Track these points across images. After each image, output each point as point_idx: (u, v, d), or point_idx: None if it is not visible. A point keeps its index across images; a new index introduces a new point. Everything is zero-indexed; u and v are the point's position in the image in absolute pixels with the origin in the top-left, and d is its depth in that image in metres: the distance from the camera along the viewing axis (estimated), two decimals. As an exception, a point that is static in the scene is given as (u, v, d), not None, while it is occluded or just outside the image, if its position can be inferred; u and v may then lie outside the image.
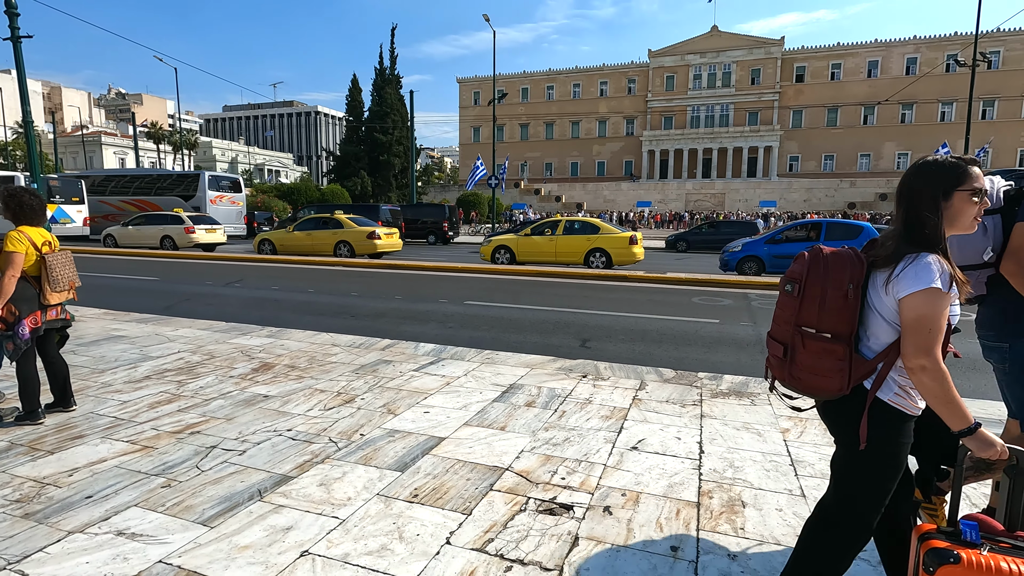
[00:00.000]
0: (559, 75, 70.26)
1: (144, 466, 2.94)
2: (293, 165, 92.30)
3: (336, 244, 16.90)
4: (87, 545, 2.23)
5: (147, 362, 5.00)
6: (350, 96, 48.84)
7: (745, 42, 63.69)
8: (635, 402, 4.09)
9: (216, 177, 25.17)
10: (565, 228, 14.50)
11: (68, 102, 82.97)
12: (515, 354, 5.46)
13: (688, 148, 64.24)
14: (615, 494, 2.71)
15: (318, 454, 3.12)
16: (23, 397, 3.52)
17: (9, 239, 3.34)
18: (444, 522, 2.44)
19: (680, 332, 7.10)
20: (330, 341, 5.92)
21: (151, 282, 11.55)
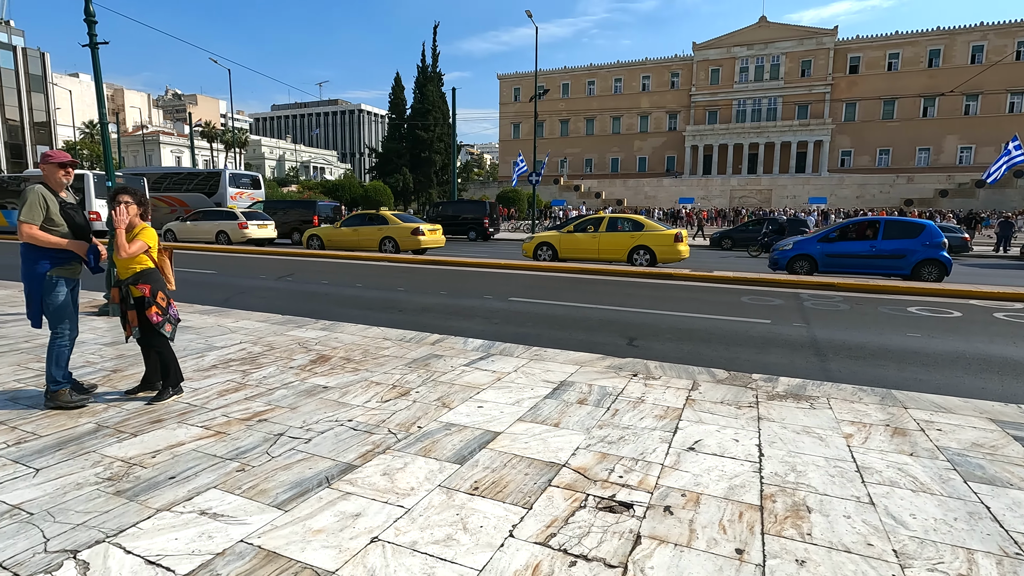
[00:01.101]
0: (600, 70, 69.49)
1: (219, 450, 3.11)
2: (337, 162, 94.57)
3: (381, 240, 17.27)
4: (175, 522, 2.38)
5: (212, 352, 5.25)
6: (393, 94, 49.62)
7: (795, 33, 61.43)
8: (688, 402, 4.05)
9: (236, 175, 26.43)
10: (609, 225, 14.38)
11: (130, 103, 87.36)
12: (563, 351, 5.48)
13: (733, 143, 62.55)
14: (675, 494, 2.70)
15: (379, 444, 3.23)
16: (168, 375, 3.91)
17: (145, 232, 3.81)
18: (506, 515, 2.48)
19: (729, 332, 6.95)
20: (381, 335, 6.07)
21: (209, 275, 12.09)
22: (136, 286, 3.76)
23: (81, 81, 77.74)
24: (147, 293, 3.77)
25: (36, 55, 67.61)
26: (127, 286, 3.77)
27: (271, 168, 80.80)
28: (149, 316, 3.77)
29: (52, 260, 3.63)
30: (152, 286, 3.80)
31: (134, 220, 3.80)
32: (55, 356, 3.69)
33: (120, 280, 3.80)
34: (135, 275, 3.78)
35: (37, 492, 2.62)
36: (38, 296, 3.65)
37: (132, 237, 3.75)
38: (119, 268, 3.83)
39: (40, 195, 3.60)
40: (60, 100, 69.54)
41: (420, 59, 47.47)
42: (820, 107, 60.73)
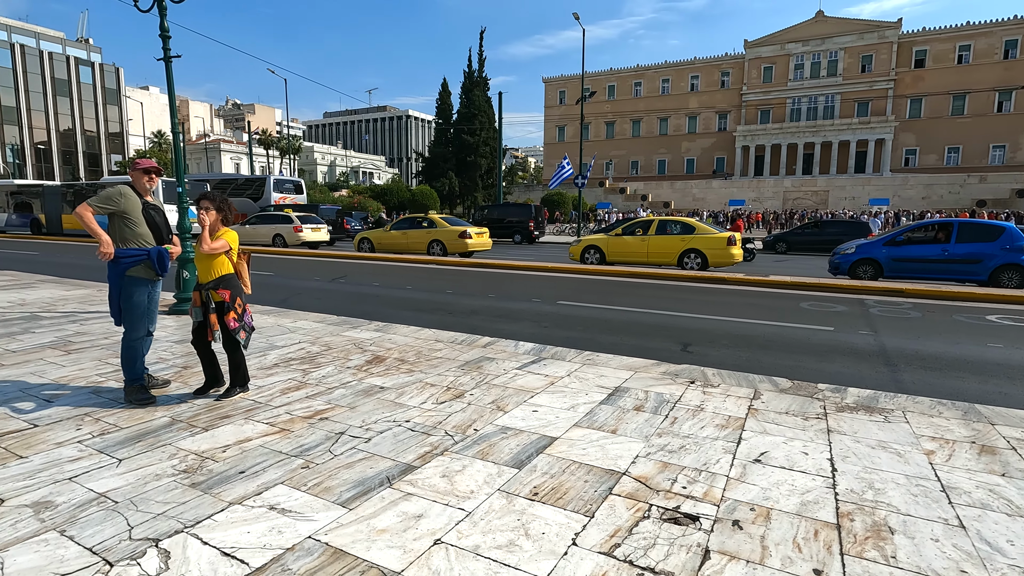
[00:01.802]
0: (647, 71, 68.46)
1: (284, 447, 3.20)
2: (385, 167, 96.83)
3: (430, 243, 17.54)
4: (246, 516, 2.46)
5: (274, 351, 5.44)
6: (440, 100, 50.44)
7: (855, 27, 58.73)
8: (751, 412, 3.89)
9: (280, 180, 27.65)
10: (658, 228, 14.11)
11: (194, 113, 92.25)
12: (616, 356, 5.38)
13: (787, 143, 60.33)
14: (743, 508, 2.59)
15: (437, 446, 3.25)
16: (238, 375, 4.08)
17: (229, 235, 3.92)
18: (568, 522, 2.44)
19: (789, 339, 6.67)
20: (433, 337, 6.14)
21: (268, 277, 12.57)
22: (217, 291, 3.83)
23: (151, 93, 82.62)
24: (227, 298, 3.83)
25: (111, 70, 72.36)
26: (208, 290, 3.83)
27: (322, 173, 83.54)
28: (227, 322, 3.83)
29: (130, 261, 3.84)
30: (232, 291, 3.87)
31: (215, 225, 3.89)
32: (128, 354, 3.90)
33: (201, 284, 3.87)
34: (216, 280, 3.83)
35: (120, 481, 2.76)
36: (117, 295, 3.88)
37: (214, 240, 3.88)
38: (200, 272, 3.89)
39: (119, 192, 3.84)
40: (132, 111, 74.11)
41: (467, 64, 48.06)
42: (882, 104, 57.79)
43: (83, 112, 69.92)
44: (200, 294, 3.85)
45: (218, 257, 3.86)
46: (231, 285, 3.90)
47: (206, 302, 3.84)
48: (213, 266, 3.86)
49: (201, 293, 3.85)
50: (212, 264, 3.85)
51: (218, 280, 3.84)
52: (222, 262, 3.88)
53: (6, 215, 30.14)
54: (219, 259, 3.86)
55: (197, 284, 3.91)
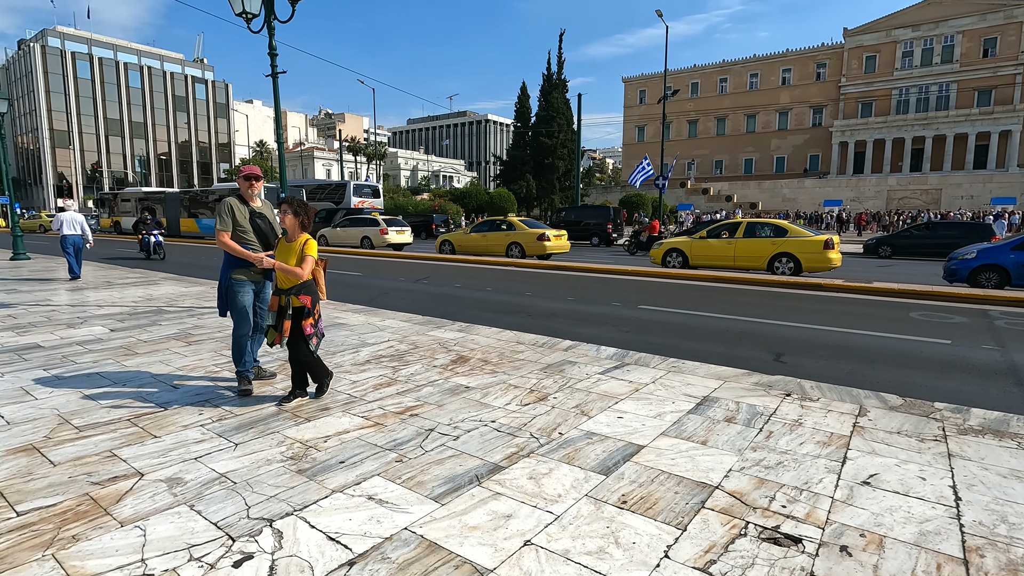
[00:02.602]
0: (734, 66, 65.40)
1: (379, 440, 3.37)
2: (464, 171, 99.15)
3: (508, 245, 17.77)
4: (348, 504, 2.61)
5: (365, 348, 5.73)
6: (518, 103, 50.90)
7: (975, 7, 52.91)
8: (856, 430, 3.62)
9: (359, 185, 29.26)
10: (746, 230, 13.44)
11: (291, 124, 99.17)
12: (703, 364, 5.19)
13: (892, 137, 55.41)
14: (851, 533, 2.41)
15: (523, 448, 3.28)
16: (317, 373, 4.07)
17: (310, 245, 3.87)
18: (659, 534, 2.39)
19: (898, 352, 6.13)
20: (515, 339, 6.21)
21: (356, 277, 13.27)
22: (298, 296, 3.80)
23: (254, 106, 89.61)
24: (307, 304, 3.81)
25: (222, 86, 79.35)
26: (288, 296, 3.80)
27: (405, 178, 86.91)
28: (304, 327, 3.80)
29: (235, 264, 4.19)
30: (312, 298, 3.84)
31: (294, 230, 3.85)
32: (234, 348, 4.26)
33: (282, 289, 3.83)
34: (298, 285, 3.81)
35: (237, 464, 3.02)
36: (223, 293, 4.26)
37: (297, 249, 3.82)
38: (280, 276, 3.86)
39: (228, 205, 4.15)
40: (238, 123, 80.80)
41: (545, 67, 48.20)
42: (1008, 92, 51.64)
43: (197, 125, 77.19)
44: (279, 299, 3.83)
45: (292, 260, 3.82)
46: (311, 291, 3.86)
47: (284, 307, 3.80)
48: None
49: (280, 298, 3.83)
50: None
51: (300, 285, 3.81)
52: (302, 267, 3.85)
53: (134, 218, 33.83)
54: (293, 262, 3.82)
55: (276, 288, 3.88)
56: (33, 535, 2.34)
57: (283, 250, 3.89)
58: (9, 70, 71.47)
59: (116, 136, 70.37)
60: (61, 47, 66.60)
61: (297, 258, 3.81)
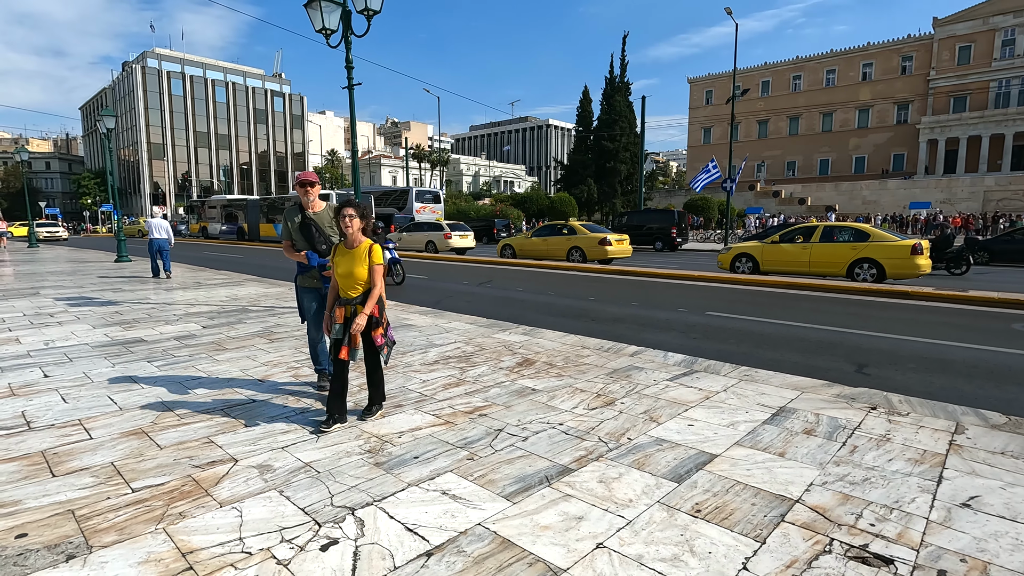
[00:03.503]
0: (808, 62, 62.29)
1: (450, 438, 3.46)
2: (525, 175, 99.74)
3: (569, 249, 17.72)
4: (423, 498, 2.71)
5: (433, 348, 5.90)
6: (580, 107, 50.66)
7: (1092, -13, 47.81)
8: (953, 448, 3.37)
9: (421, 191, 30.04)
10: (823, 234, 12.75)
11: (360, 132, 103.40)
12: (778, 374, 4.98)
13: (990, 134, 50.92)
14: (950, 557, 2.26)
15: (591, 451, 3.28)
16: (378, 391, 3.86)
17: (376, 251, 3.60)
18: (736, 545, 2.33)
19: (1000, 366, 5.63)
20: (579, 343, 6.20)
21: (422, 280, 13.65)
22: (364, 305, 3.55)
23: (327, 117, 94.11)
24: (375, 313, 3.56)
25: (297, 99, 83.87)
26: (355, 305, 3.55)
27: (467, 183, 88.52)
28: (375, 338, 3.57)
29: (299, 270, 4.38)
30: (379, 306, 3.60)
31: (357, 236, 3.58)
32: (309, 348, 4.50)
33: (348, 299, 3.56)
34: (364, 293, 3.55)
35: (320, 455, 3.20)
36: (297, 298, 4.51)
37: (363, 256, 3.54)
38: (345, 285, 3.57)
39: (284, 216, 4.35)
40: (311, 134, 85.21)
41: (608, 70, 47.71)
42: None
43: (275, 136, 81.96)
44: (345, 310, 3.57)
45: (362, 269, 3.54)
46: (378, 299, 3.62)
47: (350, 317, 3.54)
48: (359, 279, 3.54)
49: (346, 308, 3.56)
50: (356, 276, 3.53)
51: (365, 294, 3.55)
52: (361, 274, 3.54)
53: (219, 224, 36.36)
54: (364, 272, 3.53)
55: (340, 298, 3.61)
56: (146, 510, 2.58)
57: (345, 257, 3.57)
58: (115, 90, 78.75)
59: (204, 147, 75.91)
60: (158, 67, 72.75)
61: (365, 266, 3.54)
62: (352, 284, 3.53)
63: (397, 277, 12.20)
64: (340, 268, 3.56)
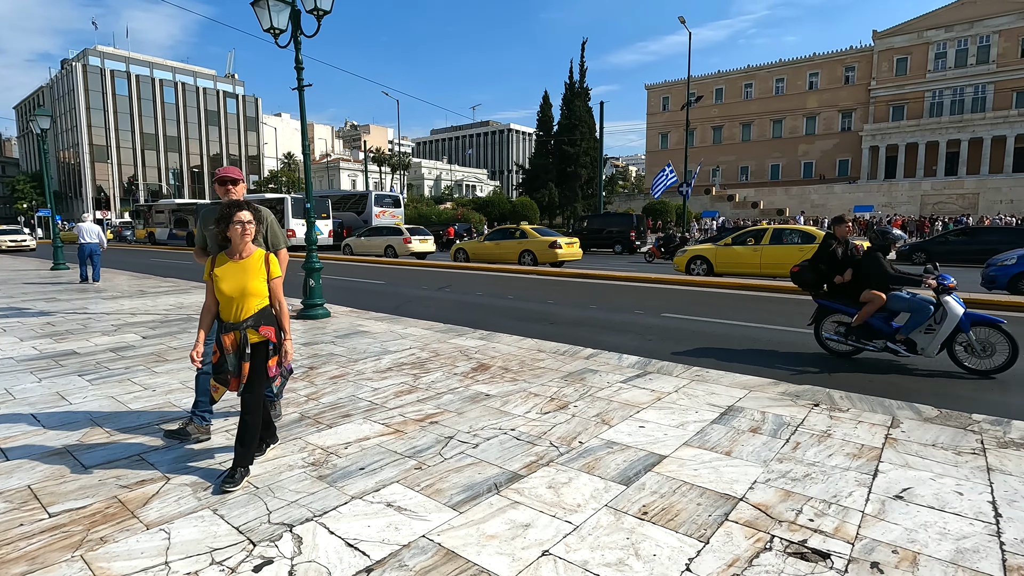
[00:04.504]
0: (759, 71, 64.57)
1: (398, 447, 3.38)
2: (487, 180, 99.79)
3: (521, 253, 17.83)
4: (367, 511, 2.62)
5: (387, 355, 5.78)
6: (541, 112, 51.10)
7: (1013, 5, 51.28)
8: (889, 441, 3.49)
9: (381, 195, 29.90)
10: (773, 237, 13.19)
11: (318, 135, 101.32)
12: (728, 373, 5.09)
13: (925, 141, 53.90)
14: (883, 549, 2.32)
15: (542, 456, 3.26)
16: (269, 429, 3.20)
17: (275, 261, 3.01)
18: (680, 546, 2.34)
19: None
20: (536, 347, 6.19)
21: (380, 285, 13.42)
22: (258, 329, 2.86)
23: (282, 119, 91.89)
24: (272, 337, 2.91)
25: (251, 100, 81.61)
26: (246, 329, 2.84)
27: (428, 187, 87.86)
28: (269, 368, 2.90)
29: None
30: (276, 328, 2.94)
31: (241, 244, 2.86)
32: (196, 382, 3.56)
33: (236, 322, 2.82)
34: (257, 314, 2.86)
35: (260, 469, 3.06)
36: None
37: (256, 268, 2.88)
38: (228, 305, 2.84)
39: (200, 219, 3.64)
40: (267, 136, 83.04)
41: (567, 76, 48.30)
42: (1049, 91, 49.82)
43: (228, 138, 79.47)
44: (234, 335, 2.82)
45: (257, 284, 2.87)
46: (274, 320, 2.94)
47: (242, 345, 2.82)
48: (254, 297, 2.85)
49: (235, 334, 2.82)
50: (249, 293, 2.84)
51: (259, 315, 2.87)
52: (261, 290, 2.88)
53: (168, 229, 34.92)
54: (259, 287, 2.87)
55: (224, 323, 2.85)
56: (64, 536, 2.40)
57: (231, 270, 2.84)
58: (53, 88, 74.76)
59: (152, 150, 72.87)
60: (101, 66, 69.45)
61: (261, 279, 2.88)
62: (244, 303, 2.83)
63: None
64: (226, 283, 2.81)
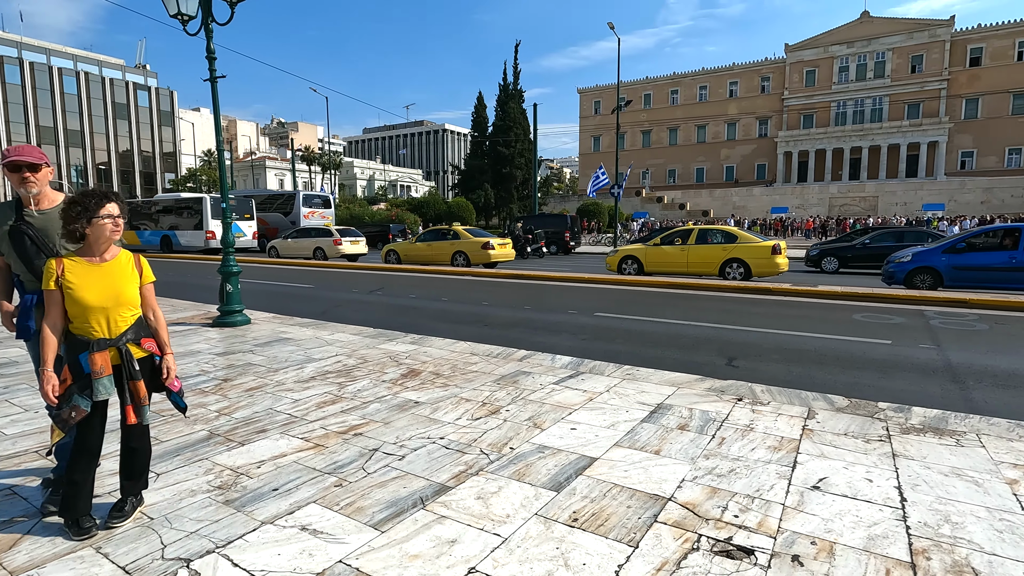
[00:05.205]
0: (684, 78, 67.54)
1: (318, 464, 3.15)
2: (422, 180, 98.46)
3: (453, 254, 17.67)
4: (278, 537, 2.40)
5: (311, 364, 5.47)
6: (475, 112, 50.98)
7: (903, 26, 56.50)
8: (806, 433, 3.64)
9: (309, 195, 28.70)
10: (698, 237, 13.73)
11: (241, 132, 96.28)
12: (658, 371, 5.17)
13: (832, 148, 58.29)
14: (802, 541, 2.38)
15: (471, 465, 3.14)
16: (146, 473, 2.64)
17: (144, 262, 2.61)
18: (610, 553, 2.29)
19: (844, 353, 6.30)
20: (469, 350, 6.06)
21: (308, 289, 12.82)
22: (141, 343, 2.48)
23: (202, 114, 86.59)
24: (156, 350, 2.54)
25: (166, 94, 76.33)
26: (126, 344, 2.42)
27: (361, 187, 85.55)
28: (171, 385, 2.56)
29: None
30: (156, 339, 2.57)
31: (101, 241, 2.40)
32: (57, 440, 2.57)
33: (113, 338, 2.38)
34: (135, 326, 2.46)
35: (157, 497, 2.76)
36: None
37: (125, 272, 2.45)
38: (92, 319, 2.35)
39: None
40: (184, 132, 77.91)
41: (502, 77, 48.44)
42: (934, 105, 55.24)
43: (140, 134, 73.92)
44: (109, 353, 2.37)
45: (133, 291, 2.46)
46: (151, 331, 2.56)
47: (127, 362, 2.40)
48: (126, 306, 2.42)
49: (111, 352, 2.38)
50: (125, 302, 2.42)
51: (137, 326, 2.47)
52: (136, 298, 2.48)
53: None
54: (134, 295, 2.46)
55: (97, 340, 2.35)
56: (-98, 593, 2.04)
57: (95, 275, 2.37)
58: (-72, 74, 66.68)
59: (50, 144, 66.50)
60: (-13, 50, 62.65)
61: (134, 283, 2.47)
62: (117, 314, 2.39)
63: None
64: (90, 292, 2.33)
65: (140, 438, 2.53)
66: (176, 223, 25.62)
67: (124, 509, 2.51)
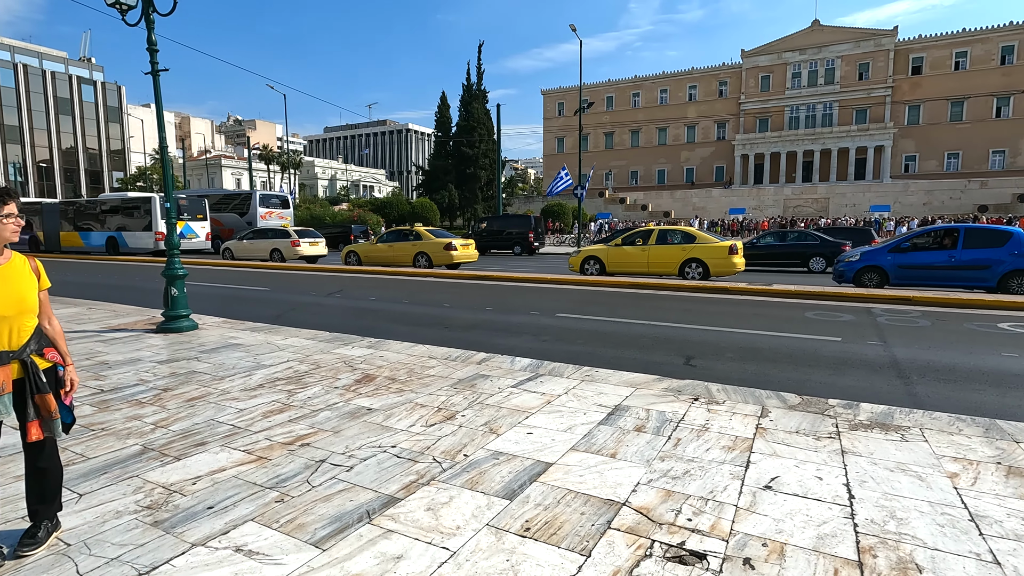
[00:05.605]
0: (645, 81, 68.71)
1: (259, 478, 2.99)
2: (385, 180, 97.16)
3: (415, 255, 17.45)
4: (208, 560, 2.24)
5: (260, 370, 5.24)
6: (439, 113, 50.67)
7: (851, 35, 58.97)
8: (759, 431, 3.67)
9: (266, 195, 27.93)
10: (658, 237, 13.93)
11: (195, 130, 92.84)
12: (616, 372, 5.16)
13: (786, 151, 60.33)
14: (754, 543, 2.36)
15: (423, 474, 3.03)
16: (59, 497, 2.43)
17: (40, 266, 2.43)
18: (562, 563, 2.22)
19: (797, 351, 6.45)
20: (427, 353, 5.93)
21: (263, 292, 12.39)
22: (43, 353, 2.31)
23: (151, 110, 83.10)
24: (59, 360, 2.37)
25: (113, 88, 72.95)
26: (31, 355, 2.25)
27: (323, 187, 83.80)
28: (64, 399, 2.36)
29: None
30: (56, 348, 2.39)
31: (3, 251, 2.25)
32: None
33: (15, 349, 2.21)
34: (36, 335, 2.29)
35: (77, 520, 2.55)
36: None
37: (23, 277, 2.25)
38: None
39: None
40: (134, 129, 74.64)
41: (465, 78, 48.27)
42: (880, 111, 57.85)
43: (85, 130, 70.44)
44: (17, 367, 2.21)
45: (33, 297, 2.27)
46: (50, 341, 2.38)
47: (33, 376, 2.22)
48: (27, 314, 2.25)
49: (18, 365, 2.21)
50: (27, 310, 2.24)
51: (37, 336, 2.30)
52: (34, 302, 2.28)
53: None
54: (34, 301, 2.28)
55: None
56: None
57: None
58: None
59: (-15, 141, 62.66)
60: (-87, 39, 58.55)
61: (33, 289, 2.28)
62: (20, 323, 2.21)
63: None
64: None
65: (50, 457, 2.33)
66: (123, 224, 24.47)
67: (37, 536, 2.30)
